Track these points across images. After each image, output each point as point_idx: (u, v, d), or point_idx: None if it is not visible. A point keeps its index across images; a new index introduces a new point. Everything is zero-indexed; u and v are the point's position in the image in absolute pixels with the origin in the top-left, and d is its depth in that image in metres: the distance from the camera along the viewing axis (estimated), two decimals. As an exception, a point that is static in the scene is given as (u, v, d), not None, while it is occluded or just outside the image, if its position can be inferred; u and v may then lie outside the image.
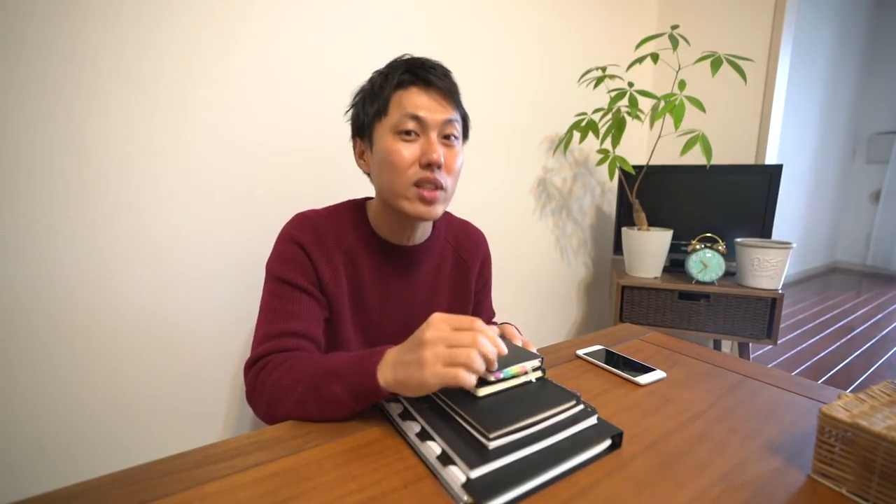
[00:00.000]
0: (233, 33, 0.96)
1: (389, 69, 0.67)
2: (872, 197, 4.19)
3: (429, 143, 0.64)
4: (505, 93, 1.48)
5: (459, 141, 0.70)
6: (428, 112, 0.64)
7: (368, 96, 0.68)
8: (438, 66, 0.67)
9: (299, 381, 0.54)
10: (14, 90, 0.76)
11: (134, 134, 0.87)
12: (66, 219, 0.83)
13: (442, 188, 0.66)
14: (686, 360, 0.74)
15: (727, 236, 1.49)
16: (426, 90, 0.64)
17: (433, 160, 0.63)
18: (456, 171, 0.68)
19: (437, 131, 0.65)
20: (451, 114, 0.66)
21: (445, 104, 0.65)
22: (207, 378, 1.02)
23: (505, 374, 0.50)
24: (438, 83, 0.65)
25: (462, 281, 0.83)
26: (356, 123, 0.72)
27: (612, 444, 0.48)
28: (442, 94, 0.65)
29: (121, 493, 0.41)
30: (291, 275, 0.66)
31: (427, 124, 0.64)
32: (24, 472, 0.83)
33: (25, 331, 0.81)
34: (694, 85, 1.47)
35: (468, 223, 0.88)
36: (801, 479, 0.44)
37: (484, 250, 0.87)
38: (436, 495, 0.41)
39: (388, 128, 0.65)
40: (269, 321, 0.64)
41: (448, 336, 0.46)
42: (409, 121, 0.63)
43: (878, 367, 2.12)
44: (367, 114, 0.68)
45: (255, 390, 0.59)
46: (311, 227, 0.69)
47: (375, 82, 0.67)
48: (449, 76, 0.67)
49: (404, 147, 0.64)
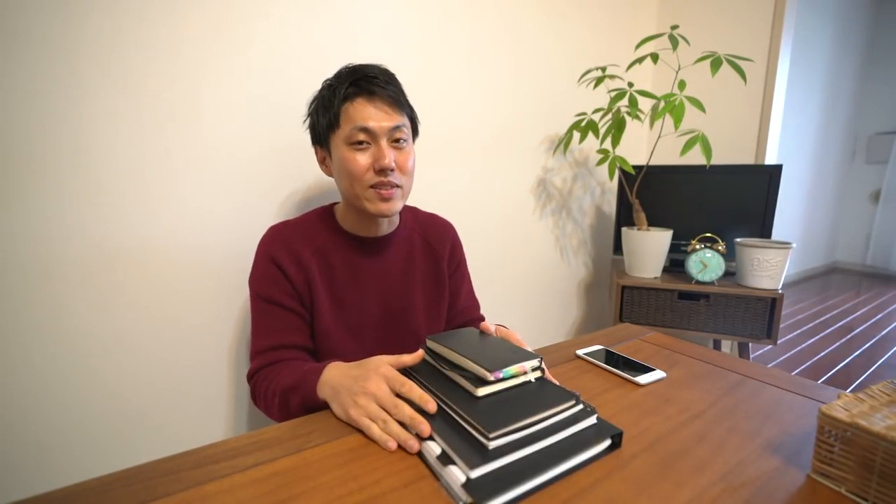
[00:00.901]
0: (235, 34, 0.96)
1: (336, 81, 0.72)
2: (872, 197, 4.19)
3: (380, 151, 0.70)
4: (505, 93, 1.48)
5: (409, 142, 0.75)
6: (375, 122, 0.69)
7: (321, 107, 0.73)
8: (381, 74, 0.72)
9: (275, 394, 0.65)
10: (16, 90, 0.76)
11: (134, 135, 0.87)
12: (67, 218, 0.83)
13: (398, 186, 0.72)
14: (686, 360, 0.74)
15: (727, 236, 1.50)
16: (371, 100, 0.70)
17: (385, 165, 0.69)
18: (409, 169, 0.75)
19: (386, 138, 0.70)
20: (397, 120, 0.71)
21: (391, 111, 0.71)
22: (208, 378, 1.02)
23: (504, 374, 0.50)
24: (382, 92, 0.70)
25: (434, 268, 0.87)
26: (314, 133, 0.77)
27: (611, 443, 0.48)
28: (386, 102, 0.71)
29: (121, 492, 0.41)
30: (269, 292, 0.74)
31: (376, 133, 0.70)
32: (24, 472, 0.83)
33: (27, 330, 0.81)
34: (694, 85, 1.47)
35: (434, 215, 0.92)
36: (801, 479, 0.44)
37: (452, 235, 0.91)
38: (436, 495, 0.41)
39: (341, 139, 0.71)
40: (257, 338, 0.74)
41: (383, 397, 0.50)
42: (359, 133, 0.69)
43: (878, 367, 2.12)
44: (322, 125, 0.73)
45: (255, 400, 0.72)
46: (280, 238, 0.76)
47: (325, 95, 0.73)
48: (392, 82, 0.72)
49: (359, 156, 0.70)
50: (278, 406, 0.64)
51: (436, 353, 0.59)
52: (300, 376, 0.62)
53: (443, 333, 0.62)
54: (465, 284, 0.94)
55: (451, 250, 0.90)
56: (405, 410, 0.49)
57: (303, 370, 0.62)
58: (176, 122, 0.91)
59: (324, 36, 1.08)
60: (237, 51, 0.97)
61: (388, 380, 0.52)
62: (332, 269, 0.77)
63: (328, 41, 1.09)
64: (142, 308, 0.92)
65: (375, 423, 0.49)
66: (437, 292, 0.87)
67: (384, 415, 0.49)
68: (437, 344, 0.59)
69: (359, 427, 0.51)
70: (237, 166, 1.00)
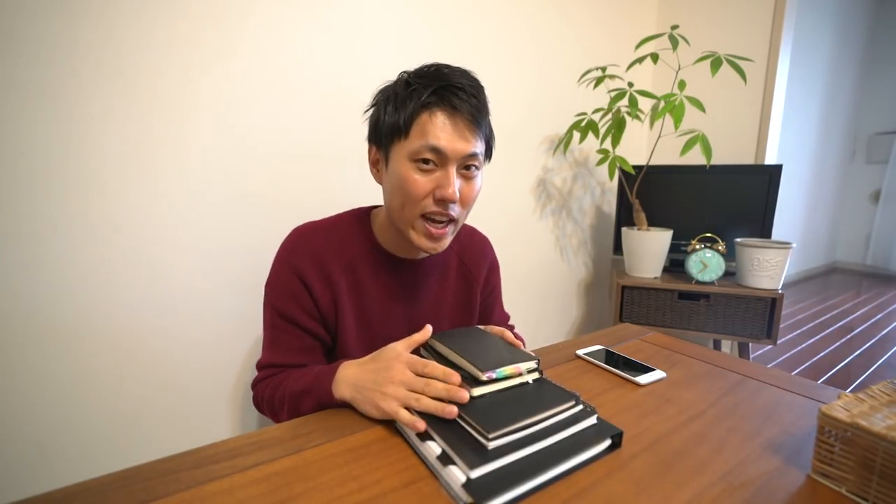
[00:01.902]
0: (233, 34, 0.96)
1: (416, 81, 0.61)
2: (872, 197, 4.19)
3: (446, 178, 0.61)
4: (505, 93, 1.47)
5: (480, 171, 0.66)
6: (449, 144, 0.60)
7: (392, 104, 0.63)
8: (468, 86, 0.61)
9: (284, 400, 0.62)
10: (14, 90, 0.76)
11: (134, 135, 0.87)
12: (66, 220, 0.83)
13: (453, 221, 0.64)
14: (686, 360, 0.74)
15: (727, 236, 1.49)
16: (451, 117, 0.60)
17: (447, 197, 0.61)
18: (471, 201, 0.66)
19: (457, 164, 0.61)
20: (473, 146, 0.62)
21: (469, 135, 0.61)
22: (208, 378, 1.02)
23: (497, 375, 0.50)
24: (465, 109, 0.60)
25: (466, 292, 0.81)
26: (374, 130, 0.67)
27: (611, 443, 0.48)
28: (467, 122, 0.61)
29: (121, 493, 0.41)
30: (288, 307, 0.67)
31: (447, 157, 0.60)
32: (23, 472, 0.83)
33: (25, 332, 0.81)
34: (694, 85, 1.47)
35: (473, 230, 0.86)
36: (801, 479, 0.44)
37: (490, 257, 0.85)
38: (436, 495, 0.41)
39: (406, 152, 0.61)
40: (269, 351, 0.69)
41: (411, 381, 0.51)
42: (429, 152, 0.60)
43: (878, 367, 2.12)
44: (387, 125, 0.63)
45: (260, 405, 0.69)
46: (308, 247, 0.68)
47: (399, 93, 0.62)
48: (478, 96, 0.62)
49: (420, 177, 0.61)
50: (288, 411, 0.61)
51: (437, 351, 0.59)
52: (312, 379, 0.59)
53: (445, 332, 0.62)
54: (497, 304, 0.89)
55: (487, 274, 0.84)
56: (437, 386, 0.49)
57: (313, 373, 0.60)
58: (171, 121, 0.91)
59: (323, 36, 1.08)
60: (237, 51, 0.97)
61: (409, 364, 0.52)
62: (362, 288, 0.70)
63: (328, 41, 1.09)
64: (140, 308, 0.92)
65: (408, 404, 0.49)
66: (466, 316, 0.82)
67: (416, 395, 0.49)
68: (438, 343, 0.59)
69: (390, 417, 0.50)
70: (237, 166, 1.00)
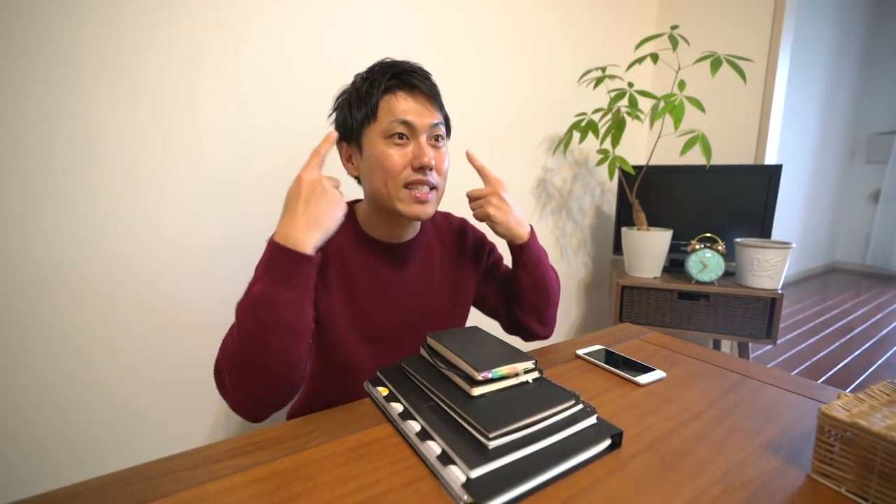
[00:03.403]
0: (236, 34, 0.96)
1: (374, 74, 0.68)
2: (872, 197, 4.19)
3: (420, 147, 0.66)
4: (505, 93, 1.48)
5: (445, 142, 0.73)
6: (416, 117, 0.66)
7: (354, 101, 0.69)
8: (419, 70, 0.69)
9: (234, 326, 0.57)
10: (16, 90, 0.76)
11: (137, 134, 0.87)
12: (71, 218, 0.83)
13: (434, 188, 0.69)
14: (686, 360, 0.74)
15: (727, 236, 1.49)
16: (412, 94, 0.67)
17: (425, 163, 0.66)
18: (445, 171, 0.71)
19: (425, 134, 0.67)
20: (437, 117, 0.69)
21: (431, 108, 0.68)
22: (208, 378, 1.02)
23: (493, 374, 0.50)
24: (423, 87, 0.67)
25: (454, 274, 0.83)
26: (343, 128, 0.72)
27: (611, 443, 0.48)
28: (427, 97, 0.68)
29: (121, 492, 0.41)
30: None
31: (416, 128, 0.66)
32: (24, 471, 0.83)
33: (27, 330, 0.81)
34: (694, 85, 1.47)
35: (448, 214, 0.88)
36: (801, 479, 0.44)
37: (472, 232, 0.87)
38: (436, 495, 0.41)
39: (378, 133, 0.67)
40: None
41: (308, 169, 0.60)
42: (399, 126, 0.66)
43: (878, 367, 2.12)
44: (355, 119, 0.69)
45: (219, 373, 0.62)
46: None
47: (360, 88, 0.69)
48: (430, 78, 0.70)
49: (396, 151, 0.66)
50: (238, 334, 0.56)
51: (435, 351, 0.59)
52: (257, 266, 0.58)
53: (443, 332, 0.62)
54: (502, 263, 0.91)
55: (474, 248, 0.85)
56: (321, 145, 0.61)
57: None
58: (175, 121, 0.91)
59: (323, 36, 1.08)
60: (237, 51, 0.97)
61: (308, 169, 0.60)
62: (351, 272, 0.73)
63: (327, 41, 1.09)
64: (141, 308, 0.92)
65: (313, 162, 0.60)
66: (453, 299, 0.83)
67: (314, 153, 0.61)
68: (436, 342, 0.59)
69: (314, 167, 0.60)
70: (237, 167, 1.00)
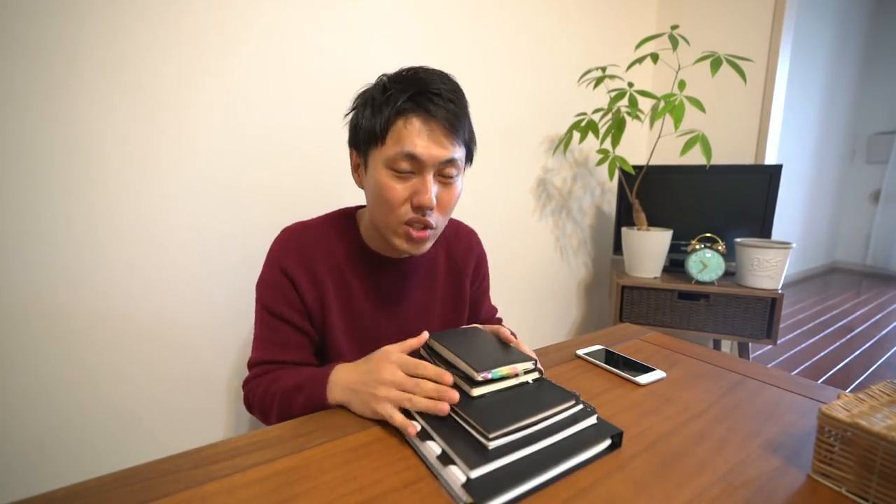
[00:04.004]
0: (234, 34, 0.96)
1: (393, 87, 0.61)
2: (872, 197, 4.19)
3: (423, 185, 0.60)
4: (505, 93, 1.47)
5: (459, 177, 0.66)
6: (425, 150, 0.59)
7: (369, 109, 0.63)
8: (445, 91, 0.60)
9: (275, 397, 0.61)
10: (15, 90, 0.76)
11: (135, 134, 0.87)
12: (68, 218, 0.83)
13: (431, 227, 0.64)
14: (686, 360, 0.74)
15: (727, 236, 1.49)
16: (427, 123, 0.59)
17: (423, 204, 0.60)
18: (450, 208, 0.66)
19: (433, 171, 0.61)
20: (450, 152, 0.61)
21: (446, 141, 0.60)
22: (208, 378, 1.02)
23: (493, 375, 0.50)
24: (441, 115, 0.59)
25: (455, 286, 0.81)
26: (354, 134, 0.67)
27: (611, 443, 0.48)
28: (444, 128, 0.60)
29: (121, 492, 0.41)
30: (276, 305, 0.68)
31: (424, 163, 0.60)
32: (23, 471, 0.83)
33: (26, 330, 0.81)
34: (694, 85, 1.46)
35: (459, 223, 0.85)
36: (801, 479, 0.44)
37: (478, 250, 0.85)
38: (436, 495, 0.41)
39: (382, 159, 0.61)
40: (260, 348, 0.69)
41: (402, 381, 0.51)
42: (405, 161, 0.60)
43: (878, 367, 2.12)
44: (364, 130, 0.63)
45: (250, 405, 0.68)
46: (296, 244, 0.69)
47: (377, 97, 0.62)
48: (456, 100, 0.62)
49: (397, 184, 0.61)
50: (278, 408, 0.60)
51: (435, 351, 0.59)
52: (305, 378, 0.59)
53: (443, 332, 0.62)
54: (485, 299, 0.89)
55: (475, 266, 0.83)
56: (427, 386, 0.50)
57: (307, 372, 0.61)
58: (174, 121, 0.91)
59: (322, 36, 1.08)
60: (239, 51, 0.97)
61: (401, 365, 0.53)
62: (350, 288, 0.71)
63: (327, 41, 1.09)
64: (139, 308, 0.92)
65: (401, 405, 0.50)
66: (456, 311, 0.82)
67: (408, 395, 0.50)
68: (437, 343, 0.59)
69: (383, 418, 0.51)
70: (237, 166, 1.00)
